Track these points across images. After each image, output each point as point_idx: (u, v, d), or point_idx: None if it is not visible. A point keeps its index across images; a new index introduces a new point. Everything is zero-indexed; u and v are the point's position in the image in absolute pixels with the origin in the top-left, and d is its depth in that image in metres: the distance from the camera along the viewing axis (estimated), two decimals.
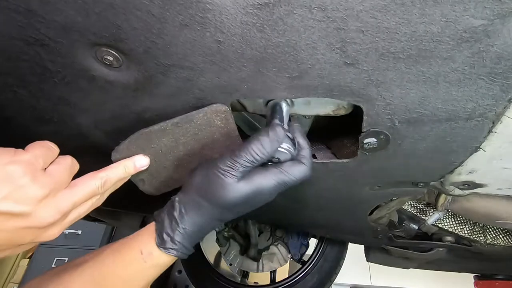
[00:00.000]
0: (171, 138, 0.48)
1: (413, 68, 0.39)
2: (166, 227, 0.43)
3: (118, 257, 0.43)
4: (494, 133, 0.47)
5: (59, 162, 0.38)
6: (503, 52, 0.36)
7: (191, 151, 0.51)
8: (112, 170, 0.44)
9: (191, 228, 0.43)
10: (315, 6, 0.33)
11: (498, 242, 0.86)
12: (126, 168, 0.46)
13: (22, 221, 0.34)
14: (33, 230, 0.35)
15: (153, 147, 0.49)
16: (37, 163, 0.35)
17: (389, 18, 0.33)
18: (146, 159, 0.49)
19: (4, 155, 0.34)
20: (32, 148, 0.37)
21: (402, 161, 0.56)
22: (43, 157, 0.37)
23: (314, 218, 0.90)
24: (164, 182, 0.55)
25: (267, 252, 1.62)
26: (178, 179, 0.55)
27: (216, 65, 0.40)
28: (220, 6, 0.33)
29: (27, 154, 0.35)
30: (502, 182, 0.58)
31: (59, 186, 0.37)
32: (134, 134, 0.47)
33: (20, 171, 0.33)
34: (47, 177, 0.36)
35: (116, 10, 0.34)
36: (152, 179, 0.54)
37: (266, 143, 0.41)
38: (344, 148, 0.61)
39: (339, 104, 0.53)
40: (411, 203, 0.87)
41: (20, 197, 0.33)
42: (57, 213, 0.36)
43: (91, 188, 0.40)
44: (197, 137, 0.49)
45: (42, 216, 0.35)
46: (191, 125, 0.47)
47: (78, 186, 0.39)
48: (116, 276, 0.43)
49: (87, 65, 0.41)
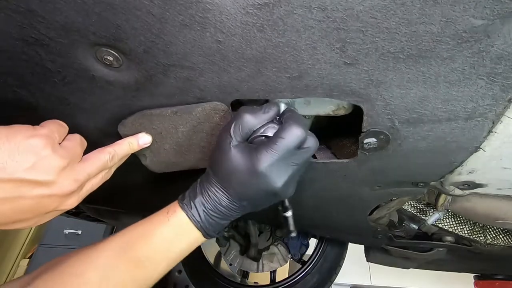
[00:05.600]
0: (171, 124, 0.50)
1: (413, 68, 0.39)
2: (192, 190, 0.47)
3: (146, 222, 0.46)
4: (494, 133, 0.47)
5: (71, 139, 0.42)
6: (503, 52, 0.36)
7: (190, 141, 0.53)
8: (119, 146, 0.47)
9: (208, 201, 0.45)
10: (315, 6, 0.33)
11: (498, 242, 0.86)
12: (131, 144, 0.49)
13: (46, 189, 0.37)
14: (55, 198, 0.38)
15: (154, 129, 0.51)
16: (54, 137, 0.39)
17: (389, 18, 0.33)
18: (148, 137, 0.52)
19: (24, 130, 0.37)
20: (47, 124, 0.40)
21: (402, 161, 0.56)
22: (58, 132, 0.40)
23: (314, 218, 0.90)
24: (164, 163, 0.58)
25: (267, 252, 1.62)
26: (177, 163, 0.58)
27: (216, 65, 0.40)
28: (220, 6, 0.33)
29: (45, 129, 0.39)
30: (502, 182, 0.58)
31: (74, 159, 0.40)
32: (139, 112, 0.49)
33: (41, 143, 0.36)
34: (64, 150, 0.39)
35: (116, 10, 0.34)
36: (153, 157, 0.57)
37: (254, 111, 0.45)
38: (344, 148, 0.61)
39: (339, 104, 0.53)
40: (411, 203, 0.87)
41: (44, 167, 0.36)
42: (76, 182, 0.39)
43: (102, 161, 0.44)
44: (195, 129, 0.51)
45: (63, 185, 0.38)
46: (190, 117, 0.49)
47: (91, 160, 0.43)
48: (143, 242, 0.44)
49: (87, 65, 0.41)
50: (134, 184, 0.75)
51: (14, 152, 0.34)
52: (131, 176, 0.69)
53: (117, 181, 0.49)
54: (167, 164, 0.58)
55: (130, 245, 0.44)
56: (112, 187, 0.72)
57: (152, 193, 0.79)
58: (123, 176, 0.69)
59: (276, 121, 0.46)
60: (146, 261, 0.43)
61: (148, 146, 0.53)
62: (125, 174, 0.68)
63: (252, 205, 0.46)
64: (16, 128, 0.36)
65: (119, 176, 0.50)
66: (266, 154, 0.41)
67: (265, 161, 0.41)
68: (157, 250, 0.44)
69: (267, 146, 0.42)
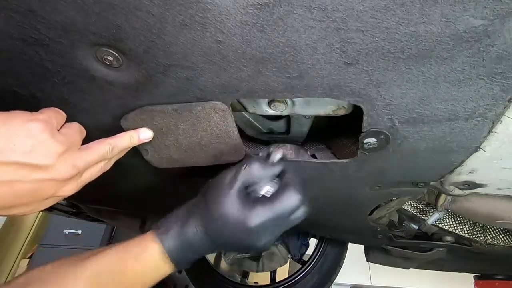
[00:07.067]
0: (171, 121, 0.50)
1: (413, 68, 0.39)
2: (170, 220, 0.47)
3: (120, 251, 0.46)
4: (494, 133, 0.47)
5: (70, 126, 0.43)
6: (503, 52, 0.36)
7: (190, 138, 0.54)
8: (119, 139, 0.47)
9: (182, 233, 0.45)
10: (315, 6, 0.33)
11: (498, 242, 0.86)
12: (132, 138, 0.50)
13: (44, 173, 0.37)
14: (53, 183, 0.38)
15: (155, 125, 0.51)
16: (52, 122, 0.39)
17: (389, 18, 0.33)
18: (150, 132, 0.52)
19: (22, 115, 0.37)
20: (45, 110, 0.41)
21: (402, 161, 0.56)
22: (56, 119, 0.41)
23: (314, 218, 0.90)
24: (165, 159, 0.58)
25: (267, 252, 1.62)
26: (178, 160, 0.58)
27: (216, 65, 0.40)
28: (220, 6, 0.33)
29: (43, 115, 0.39)
30: (502, 182, 0.58)
31: (73, 145, 0.41)
32: (140, 108, 0.49)
33: (40, 128, 0.37)
34: (63, 135, 0.39)
35: (116, 10, 0.34)
36: (154, 152, 0.57)
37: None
38: (344, 148, 0.61)
39: (339, 104, 0.53)
40: (411, 203, 0.87)
41: (42, 151, 0.36)
42: (74, 169, 0.40)
43: (102, 151, 0.44)
44: (196, 127, 0.51)
45: (61, 170, 0.38)
46: (190, 115, 0.49)
47: (90, 148, 0.43)
48: (116, 273, 0.44)
49: (87, 65, 0.41)
50: (134, 185, 0.75)
51: (12, 136, 0.34)
52: (131, 177, 0.69)
53: (117, 182, 0.49)
54: (168, 160, 0.59)
55: (104, 277, 0.43)
56: (112, 187, 0.72)
57: (152, 194, 0.79)
58: (123, 177, 0.69)
59: (276, 178, 0.48)
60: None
61: (150, 141, 0.53)
62: (125, 175, 0.68)
63: (223, 248, 0.48)
64: (14, 114, 0.36)
65: (119, 176, 0.50)
66: (261, 213, 0.43)
67: (258, 219, 0.43)
68: (128, 282, 0.44)
69: (264, 205, 0.43)
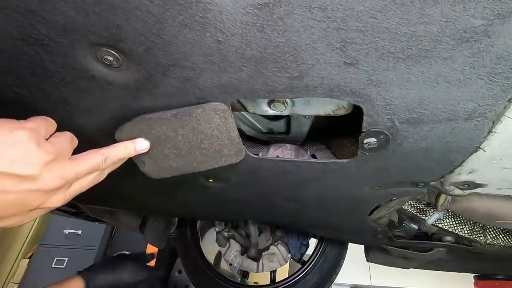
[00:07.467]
0: (170, 127, 0.50)
1: (413, 68, 0.39)
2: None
3: None
4: (494, 133, 0.47)
5: (59, 135, 0.42)
6: (503, 52, 0.36)
7: (190, 143, 0.53)
8: (114, 149, 0.46)
9: None
10: (315, 6, 0.33)
11: (498, 242, 0.86)
12: (127, 149, 0.48)
13: (30, 183, 0.36)
14: (39, 194, 0.37)
15: (153, 133, 0.50)
16: (39, 131, 0.38)
17: (389, 18, 0.33)
18: (146, 142, 0.51)
19: (9, 123, 0.36)
20: (34, 118, 0.40)
21: (402, 161, 0.56)
22: (44, 127, 0.40)
23: (314, 218, 0.90)
24: (163, 168, 0.57)
25: (267, 252, 1.62)
26: (177, 167, 0.57)
27: (216, 65, 0.40)
28: (220, 6, 0.33)
29: (30, 123, 0.38)
30: (502, 182, 0.58)
31: (62, 155, 0.39)
32: (137, 118, 0.48)
33: (26, 136, 0.36)
34: (50, 145, 0.38)
35: (116, 10, 0.34)
36: (152, 163, 0.56)
37: None
38: (344, 148, 0.61)
39: (339, 104, 0.53)
40: (411, 203, 0.87)
41: (27, 161, 0.35)
42: (61, 179, 0.38)
43: (94, 162, 0.42)
44: (195, 131, 0.51)
45: (47, 180, 0.37)
46: (190, 119, 0.48)
47: (81, 159, 0.42)
48: None
49: (87, 65, 0.41)
50: (134, 185, 0.75)
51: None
52: (131, 178, 0.69)
53: (117, 182, 0.49)
54: (167, 169, 0.57)
55: None
56: (112, 188, 0.72)
57: (152, 194, 0.79)
58: (123, 178, 0.69)
59: None
60: None
61: (147, 152, 0.52)
62: (126, 176, 0.68)
63: None
64: (1, 122, 0.36)
65: (119, 177, 0.50)
66: None
67: None
68: None
69: None
